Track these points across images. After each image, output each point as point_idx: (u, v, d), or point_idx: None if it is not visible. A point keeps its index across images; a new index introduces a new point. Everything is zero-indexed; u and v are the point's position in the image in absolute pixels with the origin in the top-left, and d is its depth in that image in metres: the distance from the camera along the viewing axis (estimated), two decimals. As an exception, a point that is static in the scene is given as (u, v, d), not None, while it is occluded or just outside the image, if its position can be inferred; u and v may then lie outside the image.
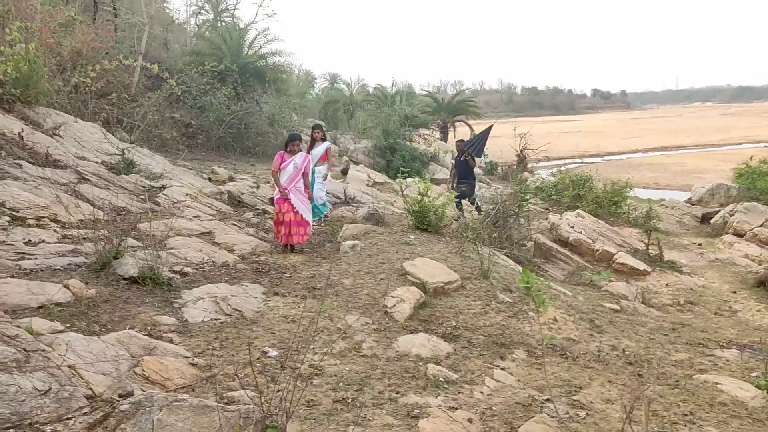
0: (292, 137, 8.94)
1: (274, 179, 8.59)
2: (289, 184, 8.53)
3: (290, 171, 8.57)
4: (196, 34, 29.78)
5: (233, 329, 5.56)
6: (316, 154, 10.35)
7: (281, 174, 8.54)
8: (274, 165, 8.58)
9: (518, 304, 7.31)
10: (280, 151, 8.70)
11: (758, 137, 55.09)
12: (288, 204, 8.44)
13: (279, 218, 8.50)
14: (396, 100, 27.66)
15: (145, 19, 18.62)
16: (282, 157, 8.59)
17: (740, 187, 17.41)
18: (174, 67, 20.23)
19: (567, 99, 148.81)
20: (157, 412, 3.04)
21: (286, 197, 8.44)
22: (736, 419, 4.95)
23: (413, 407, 4.52)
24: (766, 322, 8.61)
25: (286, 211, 8.43)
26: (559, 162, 34.53)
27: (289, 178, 8.56)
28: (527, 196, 12.19)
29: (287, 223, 8.43)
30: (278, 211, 8.50)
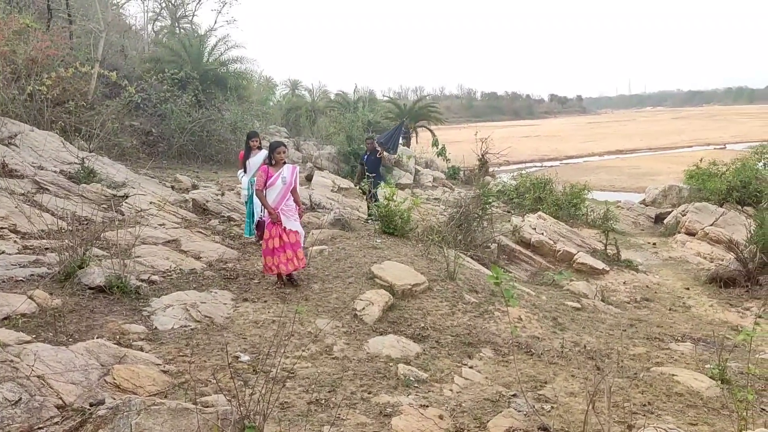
0: (276, 145, 7.28)
1: (261, 200, 7.11)
2: (280, 204, 7.12)
3: (279, 188, 7.13)
4: (154, 41, 29.44)
5: (204, 335, 5.57)
6: (254, 163, 9.19)
7: (268, 192, 7.10)
8: (258, 183, 7.10)
9: (484, 305, 7.49)
10: (263, 166, 7.28)
11: (708, 140, 57.10)
12: (278, 228, 7.09)
13: (269, 246, 7.09)
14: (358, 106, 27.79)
15: (101, 25, 18.34)
16: (267, 173, 7.09)
17: (691, 188, 18.02)
18: (132, 75, 19.98)
19: (525, 104, 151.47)
20: (135, 416, 3.07)
21: (278, 220, 7.06)
22: (692, 408, 5.18)
23: (385, 406, 4.62)
24: (718, 317, 8.98)
25: (276, 236, 7.07)
26: (520, 166, 35.17)
27: (279, 196, 7.14)
28: (490, 200, 12.44)
29: (280, 249, 7.06)
30: (268, 237, 7.10)
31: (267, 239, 7.11)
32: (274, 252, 7.05)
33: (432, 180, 24.10)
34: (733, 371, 6.03)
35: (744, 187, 16.22)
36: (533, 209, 15.20)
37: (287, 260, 7.07)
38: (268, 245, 7.09)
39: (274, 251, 7.05)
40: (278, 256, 7.05)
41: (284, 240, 7.05)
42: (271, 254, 7.06)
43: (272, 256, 7.06)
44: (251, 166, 9.21)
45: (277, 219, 7.04)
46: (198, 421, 3.09)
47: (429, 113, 39.55)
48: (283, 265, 7.06)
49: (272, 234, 7.07)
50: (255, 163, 9.17)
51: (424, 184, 23.30)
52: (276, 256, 7.05)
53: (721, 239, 13.30)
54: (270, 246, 7.06)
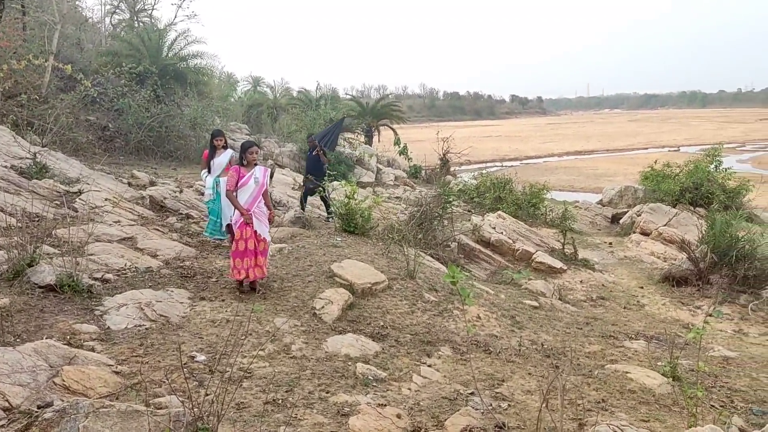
0: (249, 145, 7.10)
1: (232, 201, 6.93)
2: (252, 205, 6.92)
3: (251, 188, 6.93)
4: (112, 34, 28.73)
5: (159, 335, 5.46)
6: (218, 163, 8.99)
7: (239, 193, 6.91)
8: (229, 183, 6.94)
9: (443, 303, 7.53)
10: (235, 166, 7.09)
11: (662, 142, 58.69)
12: (251, 230, 6.88)
13: (239, 248, 6.82)
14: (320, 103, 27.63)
15: (56, 17, 17.81)
16: (239, 173, 6.92)
17: (646, 189, 18.41)
18: (89, 68, 19.46)
19: (487, 104, 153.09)
20: (82, 419, 2.99)
21: (250, 221, 6.86)
22: (645, 405, 5.30)
23: (343, 405, 4.59)
24: (670, 315, 9.22)
25: (249, 238, 6.84)
26: (481, 165, 35.51)
27: (252, 198, 6.93)
28: (450, 199, 12.51)
29: (251, 252, 6.84)
30: (239, 238, 6.85)
31: (237, 240, 6.85)
32: (245, 254, 6.81)
33: (394, 179, 24.13)
34: (684, 368, 6.19)
35: (696, 189, 16.68)
36: (493, 208, 15.33)
37: (256, 266, 6.88)
38: (238, 246, 6.82)
39: (245, 252, 6.81)
40: (249, 258, 6.82)
41: (246, 247, 6.81)
42: (241, 256, 6.81)
43: (242, 258, 6.81)
44: (216, 166, 8.95)
45: (250, 219, 6.83)
46: (149, 423, 3.01)
47: (391, 112, 39.54)
48: (252, 270, 6.84)
49: (244, 235, 6.83)
50: (220, 163, 8.94)
51: (386, 183, 23.31)
52: (247, 258, 6.82)
53: (674, 239, 13.65)
54: (241, 248, 6.81)
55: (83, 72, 17.32)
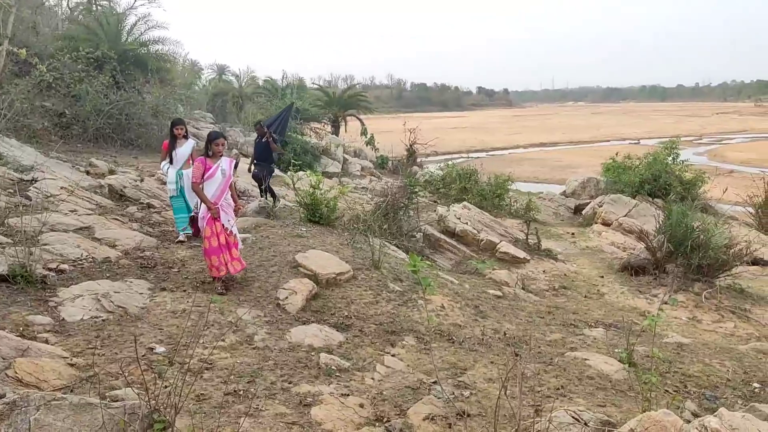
0: (215, 135, 6.83)
1: (198, 194, 6.69)
2: (220, 198, 6.69)
3: (218, 180, 6.69)
4: (69, 18, 27.94)
5: (116, 327, 5.34)
6: (181, 154, 8.64)
7: (206, 185, 6.65)
8: (195, 175, 6.64)
9: (408, 293, 7.55)
10: (200, 157, 6.79)
11: (623, 135, 59.88)
12: (219, 224, 6.66)
13: (212, 244, 6.58)
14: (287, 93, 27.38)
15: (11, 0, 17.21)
16: (205, 164, 6.65)
17: (608, 181, 18.77)
18: (44, 53, 18.88)
19: (454, 96, 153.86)
20: (33, 411, 2.90)
21: (217, 215, 6.65)
22: (602, 391, 5.41)
23: (306, 396, 4.58)
24: (628, 303, 9.42)
25: (221, 232, 6.63)
26: (447, 156, 35.60)
27: (219, 191, 6.70)
28: (416, 189, 12.53)
29: (224, 247, 6.64)
30: (209, 235, 6.59)
31: (209, 237, 6.58)
32: (220, 249, 6.58)
33: (360, 169, 24.09)
34: (640, 355, 6.33)
35: (655, 180, 17.06)
36: (459, 199, 15.43)
37: (233, 259, 6.68)
38: (210, 243, 6.56)
39: (220, 248, 6.58)
40: (224, 253, 6.60)
41: (218, 243, 6.60)
42: (217, 253, 6.56)
43: (218, 254, 6.56)
44: (178, 157, 8.60)
45: (217, 214, 6.59)
46: (103, 416, 2.94)
47: (358, 102, 39.50)
48: (230, 264, 6.64)
49: (215, 231, 6.60)
50: (182, 153, 8.61)
51: (352, 173, 23.25)
52: (223, 253, 6.59)
53: (633, 229, 13.95)
54: (214, 244, 6.56)
55: (39, 56, 16.83)
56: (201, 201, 6.72)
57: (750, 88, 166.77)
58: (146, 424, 3.05)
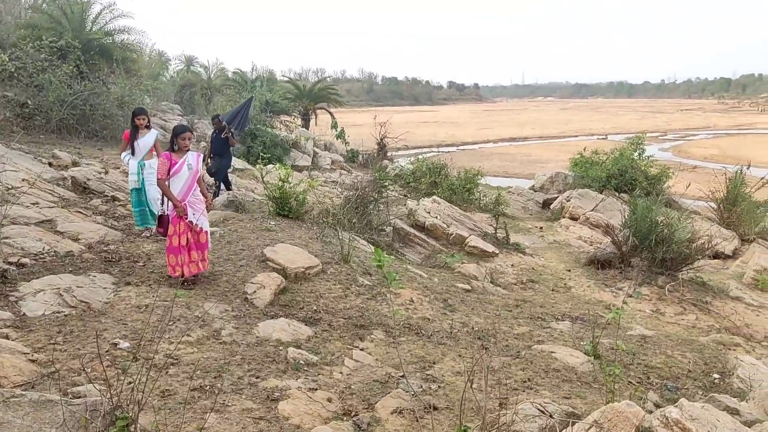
0: (181, 129, 6.57)
1: (165, 191, 6.42)
2: (186, 195, 6.47)
3: (185, 176, 6.45)
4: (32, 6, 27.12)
5: (79, 322, 5.24)
6: (143, 145, 8.36)
7: (172, 182, 6.40)
8: (160, 171, 6.38)
9: (377, 287, 7.55)
10: (165, 152, 6.53)
11: (591, 130, 60.80)
12: (184, 223, 6.45)
13: (173, 243, 6.38)
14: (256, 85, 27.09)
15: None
16: (170, 159, 6.40)
17: (575, 176, 19.04)
18: (7, 42, 18.35)
19: (425, 90, 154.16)
20: (-9, 410, 2.83)
21: (184, 213, 6.43)
22: (567, 383, 5.49)
23: (273, 390, 4.55)
24: (595, 297, 9.58)
25: (183, 232, 6.41)
26: (417, 150, 35.72)
27: (186, 186, 6.47)
28: (386, 183, 12.54)
29: (183, 248, 6.41)
30: (173, 233, 6.39)
31: (171, 235, 6.38)
32: (180, 250, 6.36)
33: (330, 163, 23.99)
34: (605, 347, 6.45)
35: (621, 175, 17.35)
36: (429, 193, 15.49)
37: (191, 261, 6.47)
38: (172, 242, 6.36)
39: (180, 249, 6.37)
40: (183, 254, 6.39)
41: (191, 239, 6.43)
42: (176, 252, 6.34)
43: (177, 254, 6.35)
44: (141, 148, 8.34)
45: (184, 212, 6.40)
46: (64, 413, 2.88)
47: (329, 95, 39.27)
48: (186, 266, 6.43)
49: (177, 230, 6.37)
50: (145, 144, 8.36)
51: (323, 167, 23.14)
52: (181, 254, 6.37)
53: (600, 224, 14.18)
54: (175, 243, 6.35)
55: (1, 45, 16.34)
56: (167, 198, 6.46)
57: (713, 86, 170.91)
58: (108, 421, 2.99)
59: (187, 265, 6.45)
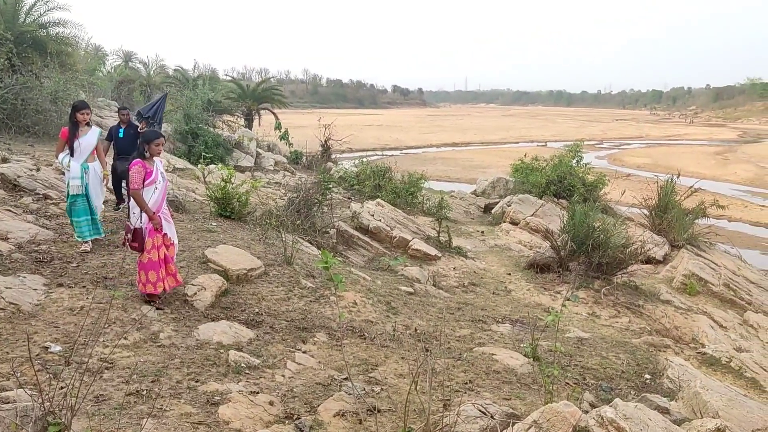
0: (154, 135, 6.23)
1: (140, 202, 5.93)
2: (161, 206, 6.14)
3: (160, 186, 6.10)
4: (-40, -6, 25.78)
5: (7, 324, 5.00)
6: (86, 144, 7.49)
7: (146, 192, 5.97)
8: (135, 181, 5.90)
9: (320, 290, 7.52)
10: (138, 160, 5.99)
11: (532, 137, 62.33)
12: (161, 236, 6.09)
13: (154, 258, 5.98)
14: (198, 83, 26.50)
15: None
16: (145, 167, 5.98)
17: (516, 181, 19.43)
18: (-68, 31, 17.35)
19: (369, 93, 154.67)
20: None
21: (159, 226, 6.05)
22: (507, 384, 5.61)
23: (213, 394, 4.46)
24: (534, 300, 9.81)
25: (161, 245, 6.07)
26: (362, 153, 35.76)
27: (160, 197, 6.13)
28: (330, 185, 12.50)
29: (162, 262, 6.07)
30: (150, 248, 5.97)
31: (149, 250, 5.95)
32: (159, 264, 6.01)
33: (274, 164, 23.68)
34: (544, 349, 6.61)
35: (560, 182, 17.83)
36: (372, 196, 15.52)
37: (168, 275, 6.14)
38: (151, 257, 5.95)
39: (159, 263, 6.01)
40: (162, 269, 6.05)
41: (158, 257, 6.03)
42: (156, 268, 5.97)
43: (157, 270, 5.98)
44: (83, 148, 7.43)
45: (159, 224, 6.01)
46: (-9, 420, 2.74)
47: (273, 96, 38.83)
48: (165, 281, 6.08)
49: (156, 244, 6.00)
50: (87, 144, 7.48)
51: (266, 168, 22.83)
52: (161, 268, 6.03)
53: (540, 228, 14.52)
54: (154, 258, 5.96)
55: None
56: (142, 210, 5.95)
57: (646, 97, 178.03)
58: (40, 427, 2.87)
59: (166, 278, 6.12)
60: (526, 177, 18.57)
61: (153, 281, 5.99)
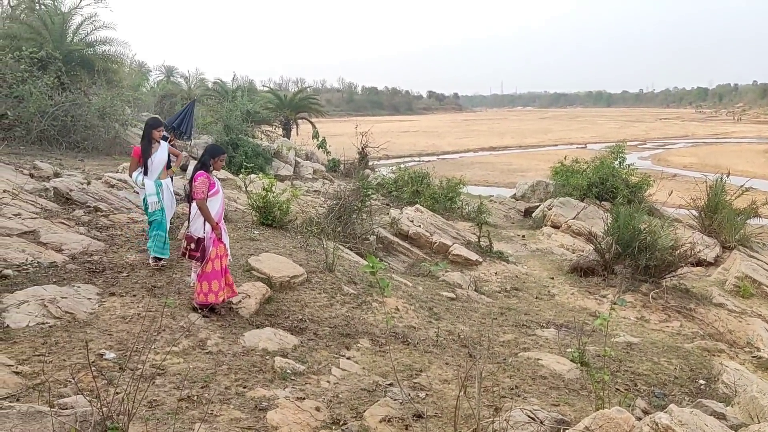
0: (219, 150, 6.35)
1: (205, 213, 6.06)
2: (221, 217, 6.36)
3: (221, 198, 6.34)
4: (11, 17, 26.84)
5: (64, 333, 5.17)
6: (159, 161, 7.52)
7: (209, 203, 6.12)
8: (200, 191, 6.02)
9: (362, 296, 7.55)
10: (201, 172, 6.13)
11: (571, 139, 61.41)
12: (223, 246, 6.27)
13: (215, 267, 6.12)
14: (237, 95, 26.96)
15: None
16: (209, 179, 6.14)
17: (556, 184, 19.16)
18: (-16, 52, 18.11)
19: (405, 100, 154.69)
20: (-22, 423, 2.78)
21: (221, 236, 6.22)
22: (555, 390, 5.53)
23: (261, 400, 4.52)
24: (579, 304, 9.65)
25: (223, 255, 6.24)
26: (399, 160, 35.83)
27: (221, 208, 6.37)
28: (369, 192, 12.55)
29: (222, 271, 6.21)
30: (213, 257, 6.11)
31: (212, 259, 6.10)
32: (221, 274, 6.16)
33: (312, 172, 23.91)
34: (591, 354, 6.50)
35: (602, 184, 17.51)
36: (411, 202, 15.53)
37: (227, 285, 6.29)
38: (213, 266, 6.09)
39: (221, 273, 6.17)
40: (222, 278, 6.20)
41: (222, 266, 6.20)
42: (218, 277, 6.12)
43: (219, 279, 6.12)
44: (155, 165, 7.44)
45: (221, 234, 6.19)
46: (53, 424, 2.84)
47: (310, 105, 39.27)
48: (224, 291, 6.24)
49: (219, 254, 6.15)
50: (159, 160, 7.50)
51: (305, 176, 23.07)
52: (222, 278, 6.19)
53: (582, 232, 14.30)
54: (216, 267, 6.11)
55: (-22, 56, 16.12)
56: (206, 220, 6.09)
57: (690, 95, 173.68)
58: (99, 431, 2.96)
59: (224, 289, 6.26)
60: (567, 180, 18.29)
61: (215, 290, 6.13)
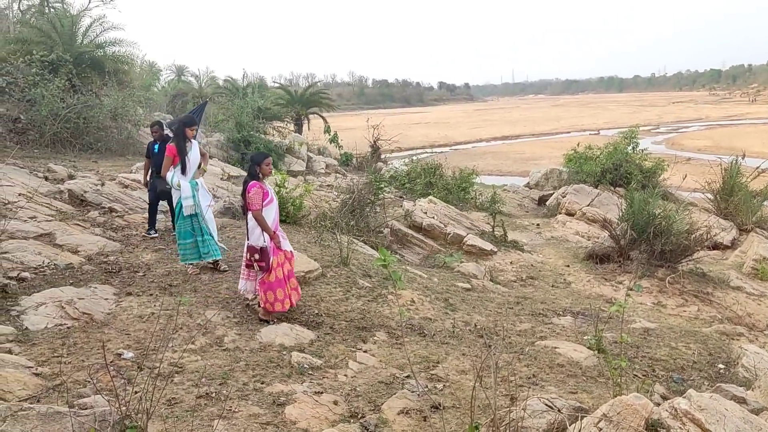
0: (263, 156, 6.25)
1: (261, 222, 6.02)
2: (277, 225, 6.30)
3: (275, 206, 6.25)
4: (21, 21, 27.08)
5: (82, 333, 5.22)
6: (194, 160, 7.29)
7: (265, 212, 6.05)
8: (255, 203, 5.96)
9: (377, 289, 7.55)
10: (253, 182, 6.05)
11: (583, 126, 60.92)
12: (285, 254, 6.24)
13: (279, 276, 6.10)
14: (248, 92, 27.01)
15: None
16: (262, 188, 6.06)
17: (570, 171, 19.03)
18: (-5, 57, 18.28)
19: (416, 91, 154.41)
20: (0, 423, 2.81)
21: (279, 244, 6.17)
22: (572, 378, 5.50)
23: (279, 395, 4.54)
24: (595, 291, 9.59)
25: (284, 262, 6.19)
26: (411, 152, 35.80)
27: (276, 216, 6.29)
28: (382, 185, 12.53)
29: (286, 278, 6.20)
30: (276, 266, 6.09)
31: (275, 268, 6.07)
32: (285, 282, 6.14)
33: (325, 167, 23.97)
34: (608, 341, 6.46)
35: (616, 170, 17.38)
36: (424, 194, 15.49)
37: (292, 290, 6.27)
38: (276, 275, 6.07)
39: (285, 281, 6.14)
40: (287, 285, 6.18)
41: (284, 274, 6.17)
42: (282, 285, 6.11)
43: (283, 287, 6.12)
44: (191, 164, 7.20)
45: (279, 242, 6.13)
46: (72, 424, 2.87)
47: (321, 100, 39.26)
48: (291, 296, 6.24)
49: (280, 261, 6.12)
50: (194, 159, 7.27)
51: (317, 171, 23.13)
52: (286, 285, 6.17)
53: (597, 218, 14.19)
54: (279, 276, 6.09)
55: (-10, 61, 16.28)
56: (263, 230, 6.04)
57: (703, 78, 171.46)
58: (118, 431, 2.98)
59: (291, 294, 6.26)
60: (580, 167, 18.17)
61: (281, 299, 6.13)
